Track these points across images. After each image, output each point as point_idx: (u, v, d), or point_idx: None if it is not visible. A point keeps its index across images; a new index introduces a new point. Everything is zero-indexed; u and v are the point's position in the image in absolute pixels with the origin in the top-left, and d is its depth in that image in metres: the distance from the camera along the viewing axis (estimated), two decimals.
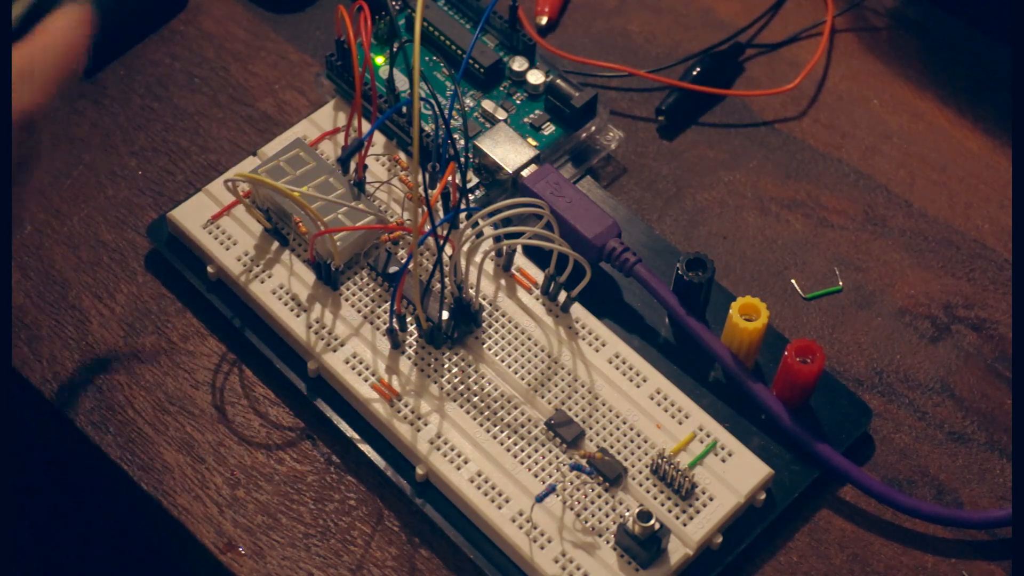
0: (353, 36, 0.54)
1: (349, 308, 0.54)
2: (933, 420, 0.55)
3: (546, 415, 0.52)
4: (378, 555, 0.51)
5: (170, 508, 0.52)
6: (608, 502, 0.50)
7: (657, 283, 0.54)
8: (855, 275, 0.58)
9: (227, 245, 0.55)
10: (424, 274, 0.53)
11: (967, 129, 0.62)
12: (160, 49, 0.63)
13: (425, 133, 0.57)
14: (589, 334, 0.53)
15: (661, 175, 0.60)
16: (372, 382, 0.52)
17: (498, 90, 0.60)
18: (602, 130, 0.59)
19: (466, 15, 0.61)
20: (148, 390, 0.54)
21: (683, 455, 0.51)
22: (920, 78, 0.64)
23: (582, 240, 0.54)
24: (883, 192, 0.60)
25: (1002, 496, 0.53)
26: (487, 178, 0.57)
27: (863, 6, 0.66)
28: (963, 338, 0.56)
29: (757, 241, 0.59)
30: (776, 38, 0.65)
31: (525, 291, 0.54)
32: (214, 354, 0.55)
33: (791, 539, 0.52)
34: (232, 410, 0.54)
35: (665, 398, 0.52)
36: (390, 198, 0.56)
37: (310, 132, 0.58)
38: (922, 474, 0.53)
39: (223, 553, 0.51)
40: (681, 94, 0.62)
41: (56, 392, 0.54)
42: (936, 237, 0.59)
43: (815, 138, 0.62)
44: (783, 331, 0.56)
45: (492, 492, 0.50)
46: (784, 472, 0.52)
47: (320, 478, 0.52)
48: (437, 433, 0.51)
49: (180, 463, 0.52)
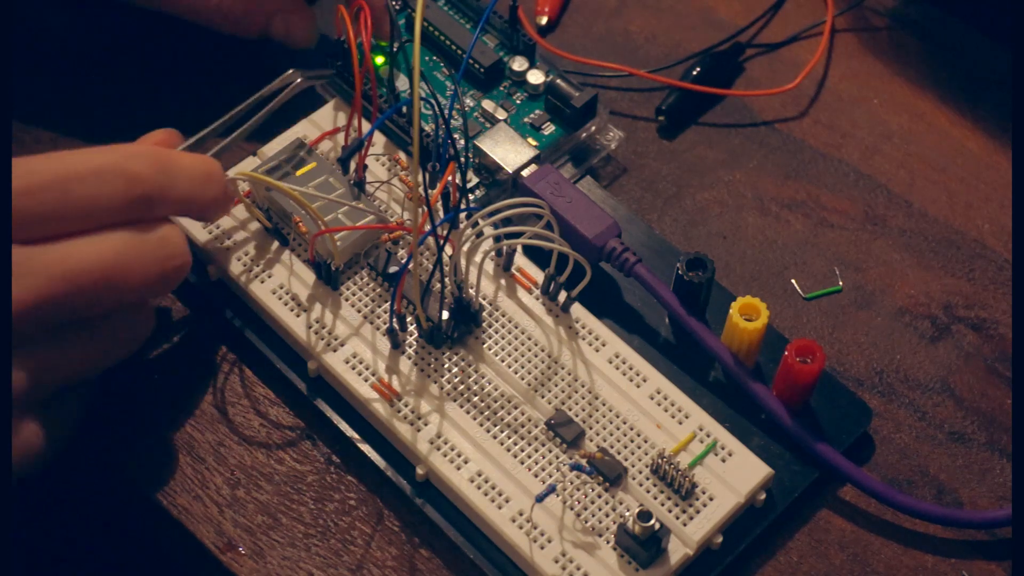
0: (353, 36, 0.54)
1: (349, 308, 0.54)
2: (933, 420, 0.55)
3: (546, 415, 0.52)
4: (378, 555, 0.51)
5: (170, 508, 0.52)
6: (608, 502, 0.50)
7: (657, 283, 0.54)
8: (855, 275, 0.58)
9: (227, 245, 0.55)
10: (424, 274, 0.53)
11: (967, 129, 0.62)
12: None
13: (425, 133, 0.57)
14: (589, 334, 0.53)
15: (661, 175, 0.60)
16: (372, 382, 0.52)
17: (498, 90, 0.60)
18: (602, 130, 0.59)
19: (466, 15, 0.61)
20: (147, 390, 0.54)
21: (683, 455, 0.51)
22: (920, 78, 0.64)
23: (582, 240, 0.54)
24: (883, 192, 0.60)
25: (1002, 496, 0.53)
26: (487, 178, 0.57)
27: (863, 6, 0.66)
28: (963, 338, 0.56)
29: (757, 241, 0.59)
30: (776, 38, 0.65)
31: (525, 291, 0.54)
32: (214, 354, 0.55)
33: (791, 539, 0.52)
34: (232, 410, 0.54)
35: (665, 398, 0.52)
36: (390, 198, 0.56)
37: (310, 132, 0.58)
38: (922, 474, 0.53)
39: (223, 553, 0.51)
40: (681, 94, 0.62)
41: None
42: (936, 237, 0.59)
43: (815, 138, 0.62)
44: (783, 331, 0.56)
45: (492, 492, 0.50)
46: (784, 472, 0.52)
47: (320, 478, 0.52)
48: (437, 433, 0.51)
49: (180, 463, 0.52)
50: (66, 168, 0.47)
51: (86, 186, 0.47)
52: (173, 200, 0.49)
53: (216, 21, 0.59)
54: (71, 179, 0.47)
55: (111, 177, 0.47)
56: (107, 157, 0.48)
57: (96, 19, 0.62)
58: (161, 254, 0.49)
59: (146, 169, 0.48)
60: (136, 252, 0.48)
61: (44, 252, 0.46)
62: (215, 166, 0.52)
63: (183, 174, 0.50)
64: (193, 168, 0.50)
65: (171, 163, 0.49)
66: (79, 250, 0.47)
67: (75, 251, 0.47)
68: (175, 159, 0.50)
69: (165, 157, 0.50)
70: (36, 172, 0.46)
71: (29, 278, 0.45)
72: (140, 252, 0.48)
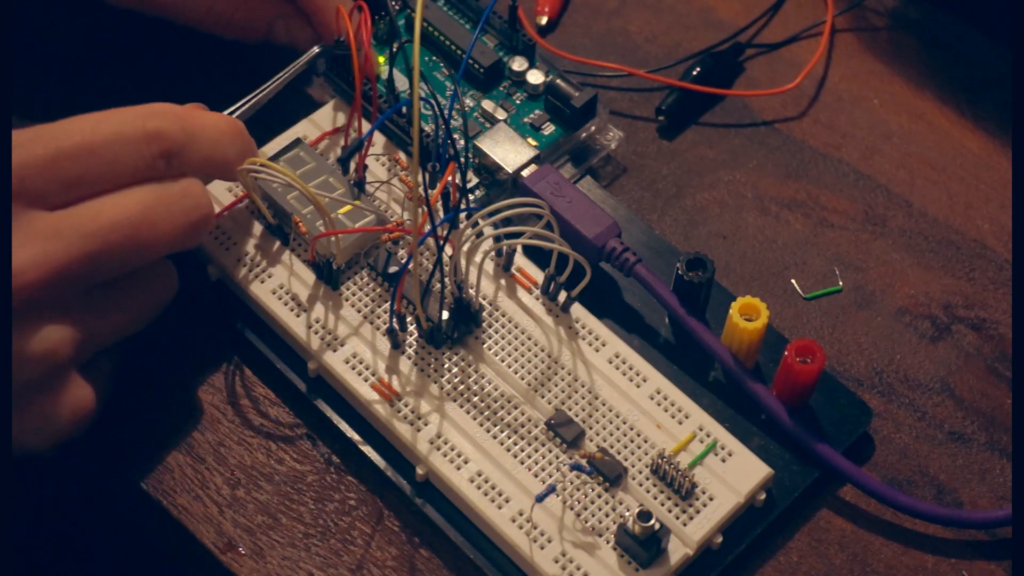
0: (353, 36, 0.54)
1: (349, 308, 0.54)
2: (933, 420, 0.55)
3: (546, 415, 0.52)
4: (378, 555, 0.51)
5: (170, 508, 0.52)
6: (608, 502, 0.50)
7: (657, 283, 0.54)
8: (855, 275, 0.58)
9: (227, 245, 0.55)
10: (424, 274, 0.53)
11: (967, 129, 0.62)
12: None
13: (425, 133, 0.57)
14: (589, 334, 0.53)
15: (661, 175, 0.60)
16: (372, 382, 0.52)
17: (498, 90, 0.60)
18: (602, 130, 0.59)
19: (466, 15, 0.61)
20: (147, 390, 0.54)
21: (683, 455, 0.51)
22: (920, 78, 0.64)
23: (582, 240, 0.54)
24: (883, 192, 0.60)
25: (1002, 496, 0.53)
26: (487, 178, 0.57)
27: (863, 6, 0.66)
28: (963, 338, 0.56)
29: (757, 241, 0.59)
30: (776, 38, 0.65)
31: (525, 291, 0.54)
32: (214, 354, 0.55)
33: (791, 539, 0.52)
34: (232, 410, 0.54)
35: (665, 398, 0.52)
36: (390, 198, 0.56)
37: (310, 132, 0.58)
38: (922, 474, 0.53)
39: (223, 553, 0.51)
40: (681, 94, 0.62)
41: None
42: (936, 237, 0.59)
43: (815, 138, 0.62)
44: (783, 331, 0.56)
45: (492, 492, 0.50)
46: (784, 472, 0.52)
47: (320, 478, 0.52)
48: (437, 433, 0.51)
49: (180, 463, 0.52)
50: (88, 134, 0.48)
51: (109, 149, 0.48)
52: (196, 157, 0.50)
53: (219, 27, 0.59)
54: (94, 145, 0.48)
55: (133, 137, 0.48)
56: (127, 117, 0.49)
57: (97, 20, 0.62)
58: (186, 204, 0.49)
59: (168, 125, 0.49)
60: (162, 205, 0.49)
61: (71, 215, 0.47)
62: (238, 124, 0.52)
63: (206, 131, 0.51)
64: (216, 125, 0.51)
65: (193, 120, 0.50)
66: (106, 209, 0.48)
67: (103, 210, 0.47)
68: (197, 116, 0.51)
69: (187, 114, 0.50)
70: (58, 139, 0.47)
71: (59, 241, 0.46)
72: (166, 205, 0.49)
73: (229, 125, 0.52)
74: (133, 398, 0.54)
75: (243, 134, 0.52)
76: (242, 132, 0.52)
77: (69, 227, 0.47)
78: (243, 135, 0.52)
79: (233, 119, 0.53)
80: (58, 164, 0.47)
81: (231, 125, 0.52)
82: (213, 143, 0.51)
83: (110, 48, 0.62)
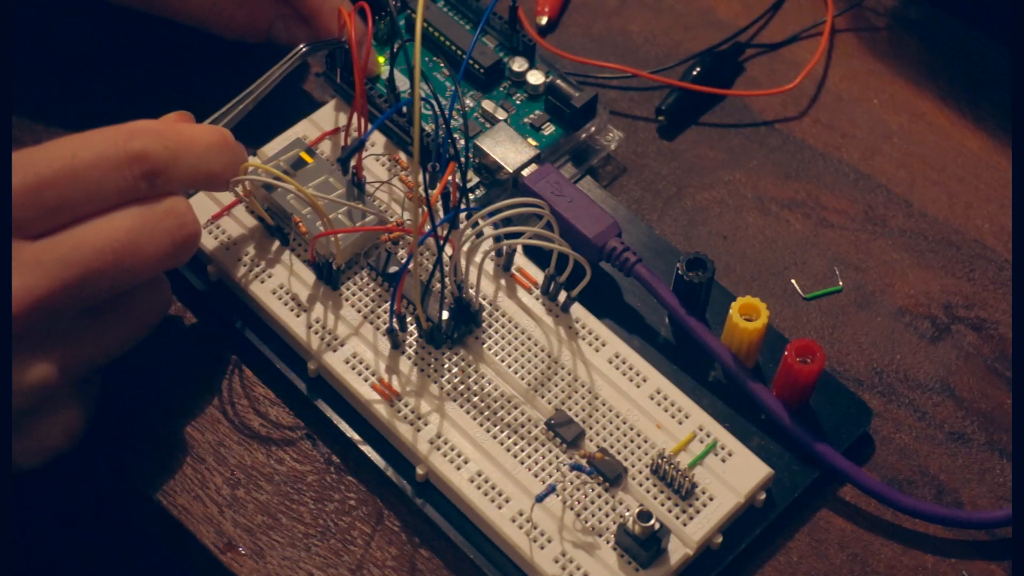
0: (354, 36, 0.54)
1: (349, 308, 0.54)
2: (933, 420, 0.55)
3: (546, 415, 0.52)
4: (378, 555, 0.51)
5: (170, 508, 0.52)
6: (608, 502, 0.50)
7: (657, 283, 0.54)
8: (855, 275, 0.58)
9: (227, 245, 0.55)
10: (424, 274, 0.53)
11: (967, 129, 0.62)
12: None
13: (425, 133, 0.57)
14: (589, 334, 0.53)
15: (661, 175, 0.60)
16: (372, 382, 0.52)
17: (498, 90, 0.60)
18: (602, 130, 0.59)
19: (466, 15, 0.61)
20: (147, 390, 0.54)
21: (683, 455, 0.51)
22: (920, 78, 0.64)
23: (582, 240, 0.54)
24: (883, 192, 0.60)
25: (1002, 496, 0.53)
26: (487, 178, 0.57)
27: (863, 6, 0.66)
28: (963, 338, 0.56)
29: (757, 241, 0.59)
30: (776, 38, 0.65)
31: (525, 291, 0.54)
32: (214, 354, 0.55)
33: (791, 539, 0.52)
34: (232, 410, 0.54)
35: (665, 398, 0.52)
36: (390, 198, 0.56)
37: (310, 132, 0.58)
38: (922, 474, 0.53)
39: (223, 553, 0.51)
40: (681, 94, 0.62)
41: None
42: (936, 237, 0.59)
43: (815, 138, 0.62)
44: (783, 331, 0.56)
45: (492, 492, 0.50)
46: (784, 472, 0.52)
47: (320, 478, 0.52)
48: (437, 433, 0.51)
49: (180, 463, 0.52)
50: (69, 159, 0.47)
51: (91, 174, 0.47)
52: (182, 173, 0.49)
53: (221, 27, 0.59)
54: (76, 170, 0.47)
55: (115, 160, 0.47)
56: (108, 139, 0.48)
57: (97, 20, 0.62)
58: (171, 224, 0.49)
59: (151, 145, 0.48)
60: (147, 227, 0.48)
61: (53, 244, 0.46)
62: (224, 134, 0.51)
63: (190, 146, 0.49)
64: (201, 138, 0.50)
65: (176, 136, 0.49)
66: (89, 236, 0.47)
67: (85, 238, 0.47)
68: (181, 131, 0.50)
69: (169, 131, 0.49)
70: (38, 166, 0.46)
71: (41, 271, 0.46)
72: (150, 227, 0.48)
73: (214, 137, 0.51)
74: (133, 398, 0.54)
75: (229, 144, 0.51)
76: (228, 142, 0.51)
77: (51, 257, 0.46)
78: (229, 145, 0.51)
79: (219, 129, 0.51)
80: (39, 192, 0.46)
81: (216, 136, 0.51)
82: (198, 158, 0.50)
83: (110, 48, 0.62)
